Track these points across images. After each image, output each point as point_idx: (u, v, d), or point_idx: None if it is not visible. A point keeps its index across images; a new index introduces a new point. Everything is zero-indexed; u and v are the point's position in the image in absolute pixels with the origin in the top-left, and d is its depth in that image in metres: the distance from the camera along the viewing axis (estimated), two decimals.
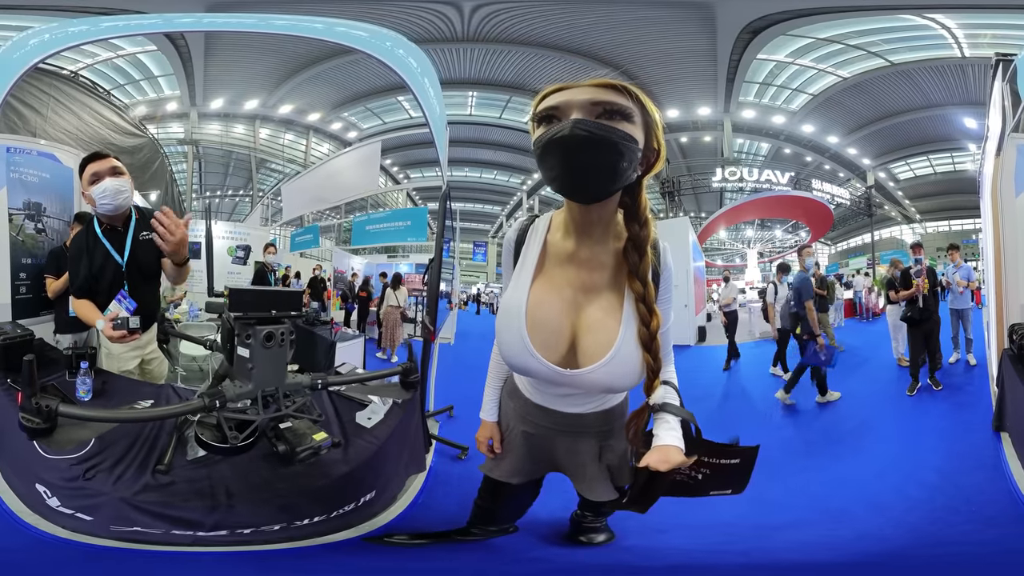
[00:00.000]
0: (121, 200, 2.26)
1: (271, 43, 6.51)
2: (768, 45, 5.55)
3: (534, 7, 5.30)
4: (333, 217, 7.29)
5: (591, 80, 1.04)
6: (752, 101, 6.22)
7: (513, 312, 1.28)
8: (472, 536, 2.02)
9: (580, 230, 1.22)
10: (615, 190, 1.11)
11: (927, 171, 6.64)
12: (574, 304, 1.27)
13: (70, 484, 1.85)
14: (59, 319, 3.04)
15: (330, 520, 1.92)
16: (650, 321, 1.20)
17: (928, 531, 2.17)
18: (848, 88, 5.96)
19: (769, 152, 6.79)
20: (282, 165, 7.56)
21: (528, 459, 1.54)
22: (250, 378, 1.60)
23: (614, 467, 1.50)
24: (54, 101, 5.88)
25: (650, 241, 1.23)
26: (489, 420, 1.59)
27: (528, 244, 1.32)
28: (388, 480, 2.13)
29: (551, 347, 1.25)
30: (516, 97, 6.36)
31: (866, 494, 2.46)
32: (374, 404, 2.25)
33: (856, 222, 7.28)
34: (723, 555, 2.06)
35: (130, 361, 2.45)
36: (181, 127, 6.96)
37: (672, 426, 1.29)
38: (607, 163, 1.02)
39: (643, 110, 1.07)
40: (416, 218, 5.86)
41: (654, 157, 1.13)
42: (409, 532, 2.10)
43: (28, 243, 3.34)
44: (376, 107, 7.05)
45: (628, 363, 1.22)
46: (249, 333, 1.60)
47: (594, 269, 1.25)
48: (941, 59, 5.22)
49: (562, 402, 1.44)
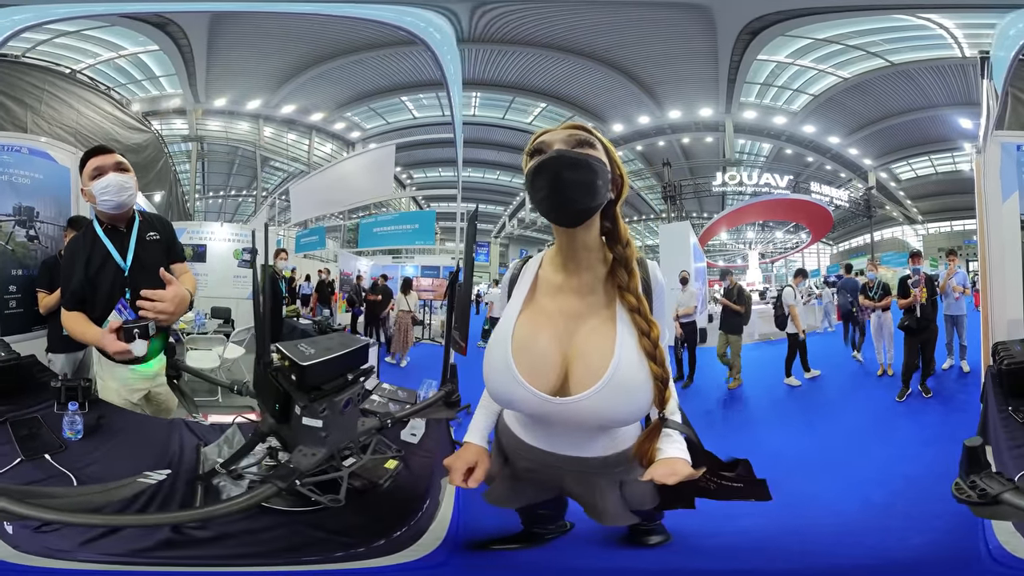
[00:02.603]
0: (125, 197, 2.09)
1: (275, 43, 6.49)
2: (768, 46, 5.54)
3: (536, 9, 5.29)
4: (339, 218, 7.31)
5: (565, 124, 1.28)
6: (753, 102, 6.21)
7: (500, 339, 1.34)
8: (538, 535, 2.04)
9: (568, 258, 1.31)
10: (595, 206, 1.24)
11: (928, 171, 6.63)
12: (565, 332, 1.33)
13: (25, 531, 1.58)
14: (52, 336, 2.80)
15: (405, 533, 1.83)
16: (649, 331, 1.27)
17: (874, 535, 2.23)
18: (849, 89, 5.94)
19: (771, 153, 6.79)
20: (285, 163, 7.57)
21: (526, 487, 1.57)
22: (323, 443, 1.45)
23: (633, 495, 1.52)
24: (48, 95, 5.49)
25: (634, 258, 1.32)
26: (473, 443, 1.50)
27: (521, 279, 1.40)
28: (435, 488, 2.11)
29: (539, 374, 1.29)
30: (519, 98, 6.36)
31: (829, 502, 2.52)
32: (414, 420, 2.19)
33: (856, 223, 7.28)
34: (769, 559, 2.09)
35: (136, 393, 2.20)
36: (185, 123, 6.91)
37: (676, 439, 1.34)
38: (584, 180, 1.19)
39: (602, 144, 1.29)
40: (424, 221, 5.90)
41: (621, 183, 1.30)
42: (498, 537, 2.08)
43: (19, 252, 3.11)
44: (380, 107, 7.05)
45: (625, 389, 1.26)
46: (325, 407, 1.45)
47: (584, 296, 1.33)
48: (941, 59, 5.20)
49: (561, 443, 1.46)
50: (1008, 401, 2.60)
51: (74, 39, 5.73)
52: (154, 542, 1.58)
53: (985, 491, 1.51)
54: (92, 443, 2.01)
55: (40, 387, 2.26)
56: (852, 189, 6.99)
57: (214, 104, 6.69)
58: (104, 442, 2.02)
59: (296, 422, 1.46)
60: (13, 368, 2.24)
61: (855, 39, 5.36)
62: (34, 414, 2.07)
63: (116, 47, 6.77)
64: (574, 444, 1.40)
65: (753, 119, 6.39)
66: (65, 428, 1.97)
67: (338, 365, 1.52)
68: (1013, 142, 3.19)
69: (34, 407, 2.14)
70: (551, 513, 1.96)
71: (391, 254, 7.30)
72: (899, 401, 4.03)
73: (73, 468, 1.87)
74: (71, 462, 1.89)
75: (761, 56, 5.66)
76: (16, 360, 2.28)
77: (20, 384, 2.20)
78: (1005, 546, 1.99)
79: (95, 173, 2.09)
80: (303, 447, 1.44)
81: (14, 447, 1.90)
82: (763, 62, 5.78)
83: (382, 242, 6.07)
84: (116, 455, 1.98)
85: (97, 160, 2.12)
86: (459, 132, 2.90)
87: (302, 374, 1.41)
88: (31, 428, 1.97)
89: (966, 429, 2.91)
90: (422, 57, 3.24)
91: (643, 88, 6.03)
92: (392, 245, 6.34)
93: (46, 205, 3.21)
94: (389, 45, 5.48)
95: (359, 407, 1.67)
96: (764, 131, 6.54)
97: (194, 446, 2.02)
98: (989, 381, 2.82)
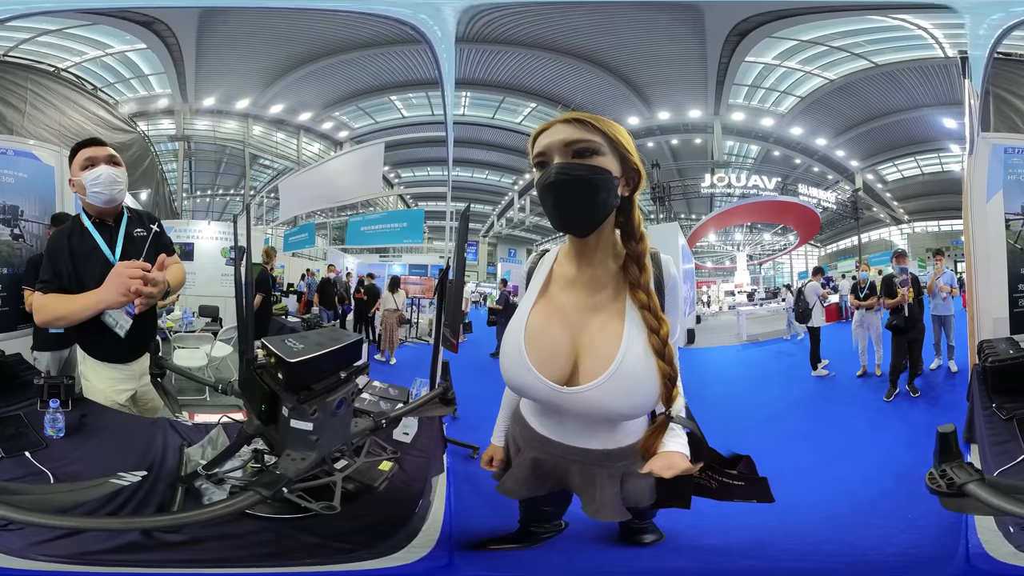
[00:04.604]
0: (116, 191, 2.06)
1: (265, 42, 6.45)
2: (755, 47, 5.57)
3: (527, 10, 5.30)
4: (328, 216, 7.27)
5: (562, 116, 1.24)
6: (742, 104, 6.24)
7: (515, 327, 1.38)
8: (534, 535, 2.05)
9: (580, 256, 1.33)
10: (601, 219, 1.25)
11: (915, 172, 6.69)
12: (577, 324, 1.35)
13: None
14: (38, 334, 2.82)
15: (399, 534, 1.86)
16: (659, 328, 1.28)
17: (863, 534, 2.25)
18: (835, 90, 5.98)
19: (759, 155, 6.82)
20: (272, 161, 7.53)
21: (533, 478, 1.59)
22: (313, 447, 1.35)
23: (632, 491, 1.53)
24: (33, 95, 5.46)
25: (647, 254, 1.32)
26: (495, 443, 1.69)
27: (537, 273, 1.43)
28: (426, 488, 2.15)
29: (549, 363, 1.32)
30: (509, 98, 6.36)
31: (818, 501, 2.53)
32: (407, 419, 2.18)
33: (844, 224, 7.33)
34: (762, 558, 2.10)
35: (122, 393, 2.21)
36: (172, 123, 6.86)
37: (677, 434, 1.36)
38: (586, 200, 1.19)
39: (610, 140, 1.24)
40: (412, 220, 5.88)
41: (637, 176, 1.28)
42: (488, 537, 2.09)
43: (4, 251, 3.17)
44: (368, 106, 7.03)
45: (631, 380, 1.28)
46: (316, 409, 1.35)
47: (596, 290, 1.35)
48: (924, 59, 5.25)
49: (569, 434, 1.48)
50: (993, 398, 2.64)
51: (58, 37, 5.66)
52: (116, 544, 1.52)
53: (952, 481, 1.47)
54: (74, 442, 2.02)
55: (24, 385, 2.26)
56: (839, 191, 7.06)
57: (202, 103, 6.64)
58: (85, 441, 2.04)
59: (284, 424, 1.37)
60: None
61: (839, 40, 5.41)
62: (17, 412, 2.07)
63: (102, 45, 6.69)
64: (580, 435, 1.46)
65: (741, 121, 6.43)
66: (46, 426, 1.97)
67: (329, 362, 1.42)
68: (1000, 144, 3.25)
69: (18, 405, 2.15)
70: (554, 510, 1.98)
71: (378, 252, 7.28)
72: (887, 401, 4.05)
73: (52, 466, 1.88)
74: (51, 460, 1.91)
75: (749, 58, 5.70)
76: (1, 358, 2.29)
77: (4, 381, 2.20)
78: (985, 546, 1.99)
79: (86, 164, 2.08)
80: (291, 451, 1.35)
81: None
82: (751, 64, 5.82)
83: (370, 240, 6.05)
84: (97, 454, 1.99)
85: (89, 151, 2.11)
86: (451, 131, 2.90)
87: (290, 372, 1.32)
88: (14, 426, 1.96)
89: None
90: (414, 56, 3.22)
91: (633, 89, 6.04)
92: (380, 244, 6.33)
93: (30, 204, 3.26)
94: (381, 44, 5.45)
95: (352, 407, 1.63)
96: (752, 133, 6.57)
97: (177, 446, 2.01)
98: (975, 379, 2.85)
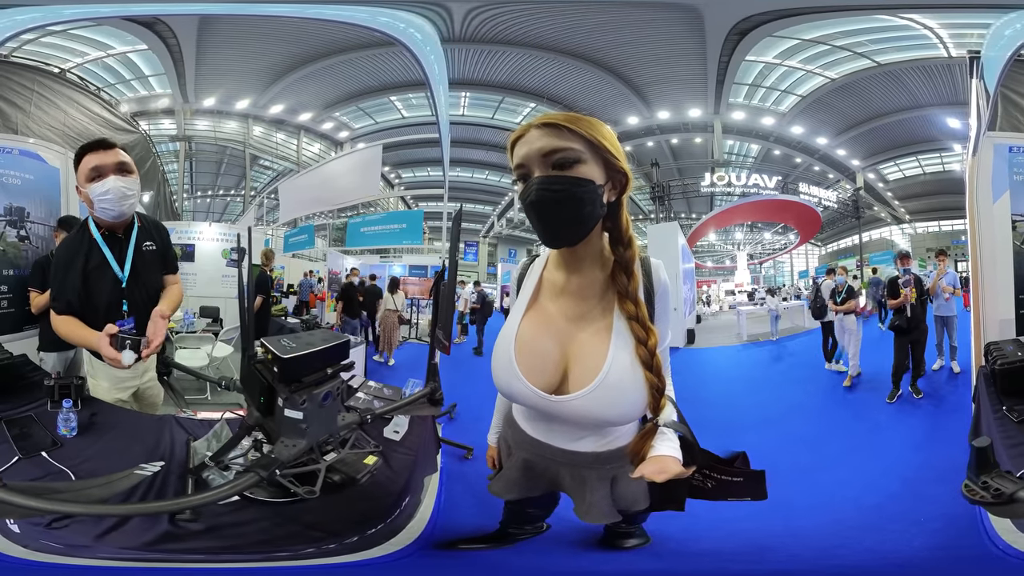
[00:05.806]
0: (126, 207, 1.91)
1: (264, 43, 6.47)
2: (756, 47, 5.56)
3: (526, 9, 5.29)
4: (328, 217, 7.30)
5: (537, 119, 1.18)
6: (742, 103, 6.23)
7: (505, 336, 1.36)
8: (511, 536, 2.05)
9: (568, 265, 1.31)
10: (587, 232, 1.22)
11: (916, 171, 6.66)
12: (566, 334, 1.34)
13: (36, 528, 1.62)
14: (44, 335, 2.76)
15: (380, 530, 1.89)
16: (647, 339, 1.26)
17: (870, 537, 2.23)
18: (836, 89, 5.96)
19: (759, 154, 6.81)
20: (272, 161, 7.55)
21: (524, 479, 1.58)
22: (303, 435, 1.52)
23: (623, 494, 1.52)
24: (37, 96, 5.45)
25: (636, 260, 1.30)
26: (490, 443, 1.68)
27: (527, 279, 1.41)
28: (415, 485, 2.16)
29: (538, 372, 1.31)
30: (509, 98, 6.36)
31: (821, 500, 2.51)
32: (398, 418, 2.25)
33: (844, 224, 7.31)
34: (755, 562, 2.08)
35: (125, 391, 2.19)
36: (173, 123, 6.89)
37: (669, 437, 1.35)
38: (571, 214, 1.16)
39: (591, 144, 1.19)
40: (411, 221, 5.90)
41: (624, 178, 1.25)
42: (465, 537, 2.09)
43: (10, 252, 3.14)
44: (368, 107, 7.03)
45: (617, 391, 1.27)
46: (305, 399, 1.52)
47: (585, 299, 1.33)
48: (927, 59, 5.23)
49: (559, 437, 1.47)
50: (1002, 401, 2.61)
51: (62, 38, 5.69)
52: (156, 535, 1.63)
53: (1000, 491, 1.57)
54: (87, 440, 2.02)
55: (32, 386, 2.27)
56: (840, 190, 7.03)
57: (203, 104, 6.66)
58: (98, 439, 2.04)
59: (279, 414, 1.53)
60: (5, 367, 2.26)
61: (841, 39, 5.39)
62: (28, 413, 2.11)
63: (104, 46, 6.72)
64: (570, 438, 1.44)
65: (742, 120, 6.41)
66: (60, 425, 2.02)
67: (318, 359, 1.59)
68: (1005, 143, 3.22)
69: (27, 406, 2.17)
70: (539, 512, 1.97)
71: (379, 253, 7.31)
72: (889, 403, 4.02)
73: (71, 465, 1.91)
74: (68, 459, 1.93)
75: (749, 57, 5.68)
76: (8, 359, 2.31)
77: (12, 383, 2.23)
78: (1007, 538, 1.99)
79: (93, 174, 1.90)
80: (284, 439, 1.51)
81: (11, 446, 1.93)
82: (751, 63, 5.80)
83: (370, 242, 6.07)
84: (111, 451, 2.02)
85: (95, 158, 1.90)
86: (445, 132, 2.89)
87: (283, 366, 1.50)
88: (24, 427, 2.00)
89: (958, 429, 2.92)
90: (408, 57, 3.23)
91: (632, 89, 6.03)
92: (380, 245, 6.35)
93: (36, 205, 3.21)
94: (377, 46, 5.47)
95: (340, 401, 1.73)
96: (752, 132, 6.56)
97: (184, 441, 2.07)
98: (982, 382, 2.83)
